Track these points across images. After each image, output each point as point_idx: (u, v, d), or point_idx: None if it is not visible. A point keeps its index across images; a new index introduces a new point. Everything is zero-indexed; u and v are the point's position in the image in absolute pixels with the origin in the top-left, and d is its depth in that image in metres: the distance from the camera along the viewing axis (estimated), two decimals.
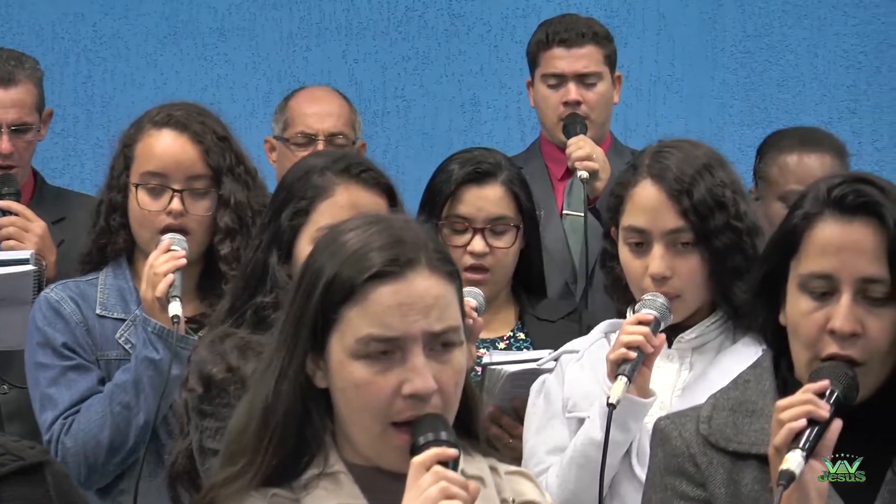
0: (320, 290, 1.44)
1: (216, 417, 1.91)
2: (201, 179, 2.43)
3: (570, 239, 3.19)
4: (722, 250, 2.13)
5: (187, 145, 2.43)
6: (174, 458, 2.03)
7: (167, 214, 2.40)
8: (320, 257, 1.47)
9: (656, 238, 2.13)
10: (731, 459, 1.66)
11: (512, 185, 2.56)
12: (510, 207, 2.55)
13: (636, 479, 2.04)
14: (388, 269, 1.42)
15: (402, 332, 1.41)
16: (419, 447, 1.39)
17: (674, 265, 2.12)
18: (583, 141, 3.14)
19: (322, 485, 1.45)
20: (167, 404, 2.30)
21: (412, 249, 1.44)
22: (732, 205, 2.16)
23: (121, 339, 2.44)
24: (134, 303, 2.43)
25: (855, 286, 1.61)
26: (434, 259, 1.46)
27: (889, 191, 1.66)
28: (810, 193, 1.69)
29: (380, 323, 1.41)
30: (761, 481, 1.63)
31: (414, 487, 1.37)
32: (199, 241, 2.43)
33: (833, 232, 1.63)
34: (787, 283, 1.67)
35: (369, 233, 1.46)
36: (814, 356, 1.62)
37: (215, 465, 1.57)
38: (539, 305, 2.62)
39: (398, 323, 1.41)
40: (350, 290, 1.42)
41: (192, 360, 2.05)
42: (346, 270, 1.42)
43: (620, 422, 2.03)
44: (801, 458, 1.50)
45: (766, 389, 1.68)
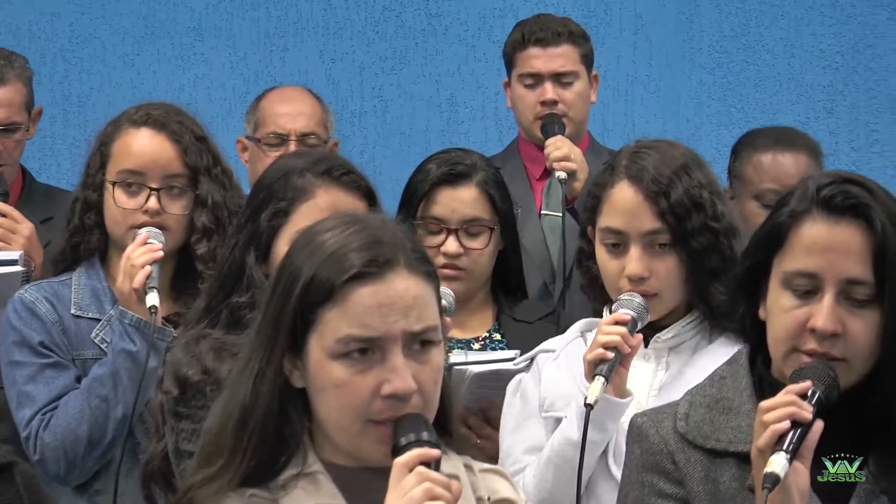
0: (298, 291, 1.43)
1: (192, 419, 1.90)
2: (178, 178, 2.43)
3: (549, 239, 3.19)
4: (699, 251, 2.13)
5: (165, 144, 2.43)
6: (148, 458, 2.03)
7: (144, 213, 2.40)
8: (298, 258, 1.47)
9: (633, 239, 2.14)
10: (709, 457, 1.67)
11: (487, 186, 2.56)
12: (485, 209, 2.55)
13: (612, 478, 2.04)
14: (366, 269, 1.42)
15: (381, 333, 1.41)
16: (401, 448, 1.39)
17: (651, 266, 2.13)
18: (560, 141, 3.14)
19: (300, 485, 1.45)
20: (145, 397, 2.29)
21: (390, 250, 1.44)
22: (710, 206, 2.16)
23: (96, 338, 2.44)
24: (108, 303, 2.43)
25: (838, 287, 1.61)
26: (412, 259, 1.46)
27: (877, 193, 1.66)
28: (798, 191, 1.69)
29: (359, 323, 1.41)
30: (739, 479, 1.63)
31: (397, 488, 1.37)
32: (175, 239, 2.43)
33: (820, 231, 1.63)
34: (768, 278, 1.67)
35: (347, 233, 1.45)
36: (791, 349, 1.62)
37: (192, 467, 1.56)
38: (517, 307, 2.62)
39: (378, 323, 1.41)
40: (329, 291, 1.42)
41: (168, 361, 2.04)
42: (325, 271, 1.42)
43: (597, 422, 2.04)
44: (785, 460, 1.50)
45: (742, 386, 1.69)
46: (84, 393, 2.37)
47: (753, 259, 1.72)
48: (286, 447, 1.46)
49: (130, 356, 2.32)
